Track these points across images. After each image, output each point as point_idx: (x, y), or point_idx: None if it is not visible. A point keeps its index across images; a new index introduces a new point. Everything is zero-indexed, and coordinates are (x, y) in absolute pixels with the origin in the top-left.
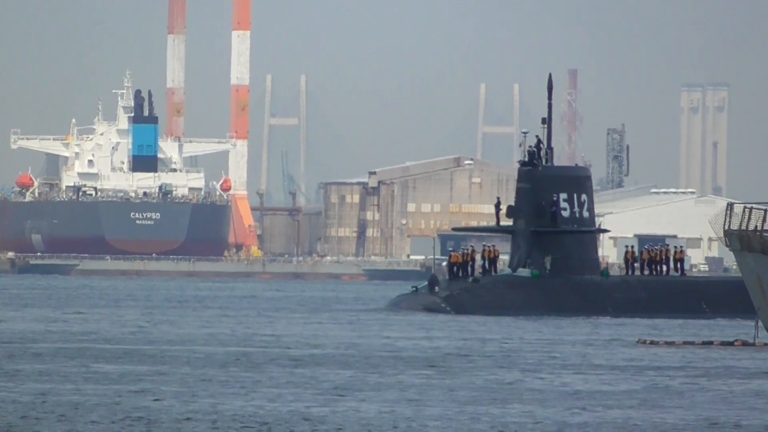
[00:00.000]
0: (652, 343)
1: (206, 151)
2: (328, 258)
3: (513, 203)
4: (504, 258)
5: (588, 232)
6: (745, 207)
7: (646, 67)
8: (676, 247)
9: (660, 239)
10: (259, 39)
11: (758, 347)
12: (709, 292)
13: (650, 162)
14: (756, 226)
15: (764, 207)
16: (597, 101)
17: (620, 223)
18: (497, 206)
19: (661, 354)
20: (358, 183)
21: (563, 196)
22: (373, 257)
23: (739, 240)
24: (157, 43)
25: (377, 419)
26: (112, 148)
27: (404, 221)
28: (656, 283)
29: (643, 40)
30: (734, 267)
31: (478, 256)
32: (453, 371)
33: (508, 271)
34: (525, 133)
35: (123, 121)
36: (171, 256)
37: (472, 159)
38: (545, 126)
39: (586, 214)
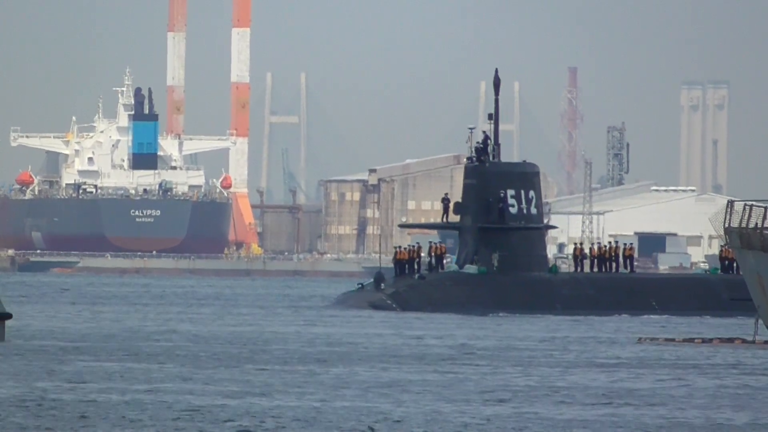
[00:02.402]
0: (652, 340)
1: (206, 149)
2: (329, 256)
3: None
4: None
5: (536, 229)
6: (745, 205)
7: (647, 65)
8: (625, 243)
9: (660, 237)
10: (259, 37)
11: (758, 345)
12: (658, 289)
13: (650, 160)
14: (756, 224)
15: (764, 205)
16: (597, 99)
17: (620, 221)
18: (445, 203)
19: (663, 353)
20: (358, 180)
21: (510, 192)
22: (373, 255)
23: (739, 238)
24: (157, 40)
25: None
26: (113, 145)
27: (404, 219)
28: (605, 280)
29: (644, 38)
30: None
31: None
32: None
33: (454, 267)
34: (471, 128)
35: (123, 119)
36: (171, 254)
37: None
38: (492, 122)
39: (534, 210)
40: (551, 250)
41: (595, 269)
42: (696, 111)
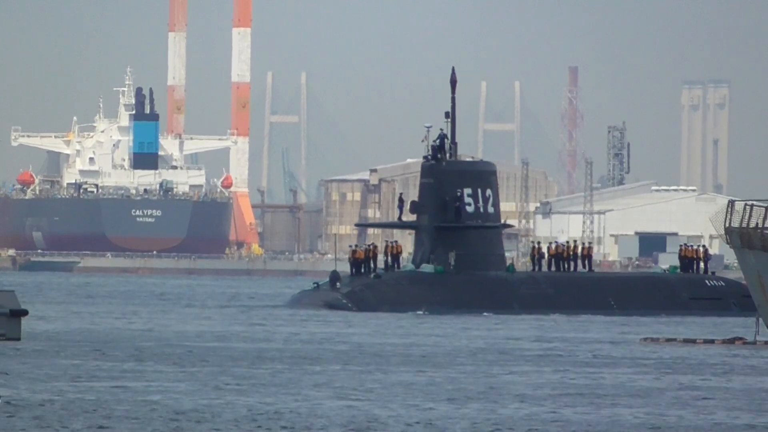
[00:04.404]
0: (653, 341)
1: (207, 149)
2: (329, 255)
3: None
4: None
5: (493, 228)
6: (746, 204)
7: (647, 65)
8: (584, 243)
9: (661, 237)
10: (259, 36)
11: (759, 345)
12: (616, 288)
13: (651, 159)
14: (757, 224)
15: (765, 204)
16: (598, 99)
17: (621, 221)
18: (400, 202)
19: (665, 353)
20: (359, 180)
21: (467, 191)
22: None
23: (739, 237)
24: (158, 40)
25: None
26: (113, 145)
27: (405, 219)
28: (563, 279)
29: (644, 37)
30: (735, 265)
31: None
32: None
33: (411, 266)
34: (428, 127)
35: (124, 119)
36: (172, 254)
37: (473, 156)
38: (449, 120)
39: (491, 209)
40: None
41: (553, 268)
42: (697, 110)
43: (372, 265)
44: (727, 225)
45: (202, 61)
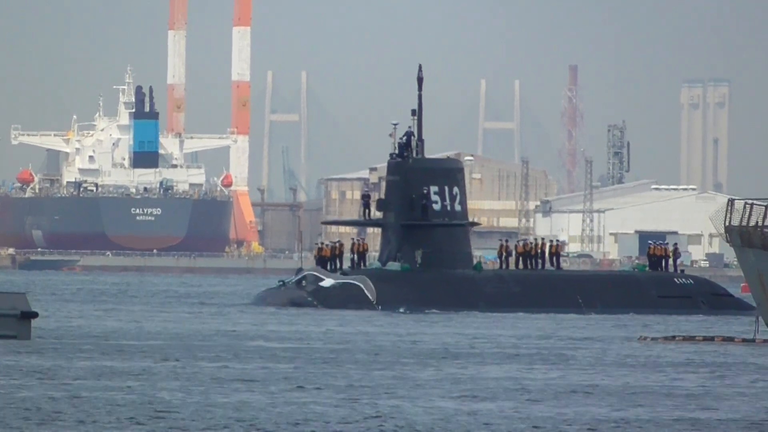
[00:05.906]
0: (653, 339)
1: (207, 147)
2: None
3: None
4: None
5: (459, 226)
6: (745, 203)
7: (647, 64)
8: (551, 240)
9: (660, 235)
10: (259, 35)
11: (759, 343)
12: (583, 286)
13: (651, 158)
14: (757, 222)
15: (765, 203)
16: (598, 97)
17: (621, 220)
18: (366, 199)
19: (665, 351)
20: (359, 179)
21: (434, 188)
22: (374, 253)
23: (739, 236)
24: (158, 39)
25: None
26: (113, 144)
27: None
28: (530, 277)
29: (644, 36)
30: (735, 263)
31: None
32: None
33: (377, 264)
34: (395, 124)
35: (124, 117)
36: (172, 252)
37: (472, 155)
38: (416, 117)
39: (458, 207)
40: None
41: (521, 266)
42: (696, 109)
43: (338, 263)
44: (726, 224)
45: (202, 60)
